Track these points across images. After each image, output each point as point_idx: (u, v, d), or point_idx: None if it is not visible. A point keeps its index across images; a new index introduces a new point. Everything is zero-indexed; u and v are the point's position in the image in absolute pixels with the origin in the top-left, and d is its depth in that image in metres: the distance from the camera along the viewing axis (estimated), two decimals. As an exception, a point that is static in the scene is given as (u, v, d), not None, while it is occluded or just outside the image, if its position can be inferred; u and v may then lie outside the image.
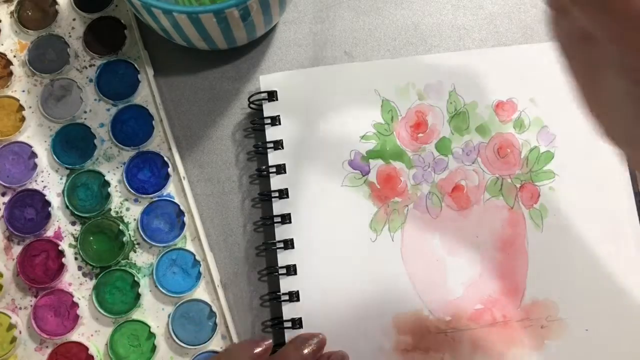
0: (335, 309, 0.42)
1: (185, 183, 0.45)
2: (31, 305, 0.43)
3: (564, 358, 0.41)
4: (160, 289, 0.43)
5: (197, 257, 0.44)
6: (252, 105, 0.46)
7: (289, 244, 0.43)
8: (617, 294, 0.42)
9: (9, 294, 0.44)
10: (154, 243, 0.44)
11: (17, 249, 0.44)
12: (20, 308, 0.44)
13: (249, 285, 0.44)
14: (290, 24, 0.49)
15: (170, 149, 0.45)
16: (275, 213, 0.43)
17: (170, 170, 0.45)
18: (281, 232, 0.43)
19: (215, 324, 0.43)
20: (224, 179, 0.46)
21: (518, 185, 0.44)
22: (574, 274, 0.42)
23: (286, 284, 0.42)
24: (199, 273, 0.43)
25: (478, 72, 0.45)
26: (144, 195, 0.44)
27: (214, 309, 0.43)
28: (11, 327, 0.43)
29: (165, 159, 0.45)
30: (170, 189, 0.45)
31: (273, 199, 0.43)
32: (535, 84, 0.45)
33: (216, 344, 0.43)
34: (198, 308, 0.43)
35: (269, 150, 0.44)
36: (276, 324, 0.43)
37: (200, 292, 0.43)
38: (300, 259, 0.43)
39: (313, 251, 0.43)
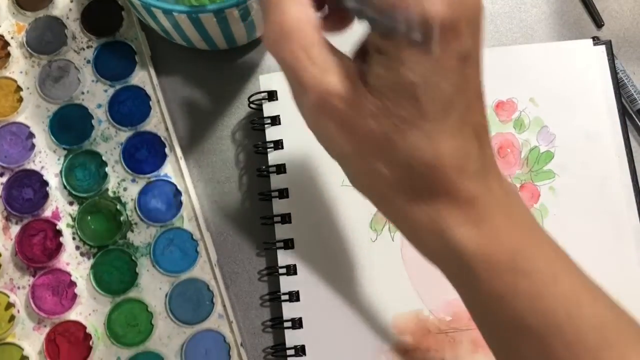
0: (335, 309, 0.42)
1: (182, 163, 0.45)
2: (29, 285, 0.43)
3: None
4: (158, 268, 0.43)
5: (194, 237, 0.44)
6: (252, 105, 0.46)
7: (289, 244, 0.43)
8: (618, 294, 0.41)
9: (7, 274, 0.44)
10: (151, 222, 0.44)
11: (15, 229, 0.44)
12: (19, 287, 0.44)
13: (249, 285, 0.44)
14: (290, 24, 0.49)
15: (167, 129, 0.45)
16: (275, 213, 0.43)
17: (167, 150, 0.45)
18: (281, 232, 0.43)
19: (212, 303, 0.43)
20: (224, 179, 0.46)
21: (518, 185, 0.44)
22: None
23: (286, 284, 0.42)
24: (196, 252, 0.43)
25: None
26: (142, 175, 0.45)
27: (211, 287, 0.43)
28: (9, 306, 0.43)
29: (163, 139, 0.45)
30: (168, 169, 0.45)
31: (273, 199, 0.43)
32: (535, 83, 0.45)
33: (213, 322, 0.43)
34: (195, 287, 0.43)
35: (269, 150, 0.44)
36: (276, 324, 0.43)
37: (198, 271, 0.44)
38: (300, 259, 0.43)
39: (313, 251, 0.43)
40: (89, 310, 0.43)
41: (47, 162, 0.45)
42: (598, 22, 0.48)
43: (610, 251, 0.42)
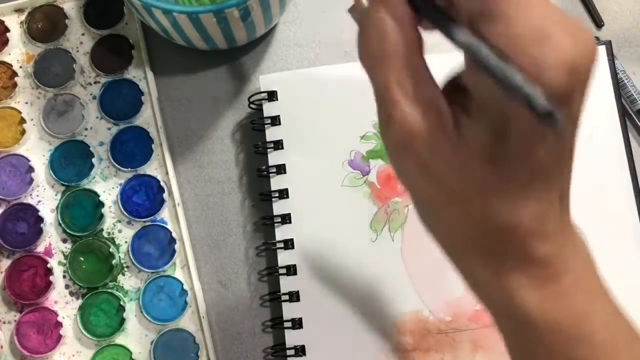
0: (335, 309, 0.42)
1: (180, 209, 0.44)
2: (15, 321, 0.43)
3: None
4: (145, 315, 0.43)
5: (185, 286, 0.43)
6: (252, 105, 0.46)
7: (289, 244, 0.43)
8: (617, 293, 0.41)
9: (-6, 307, 0.43)
10: (142, 268, 0.43)
11: (5, 263, 0.44)
12: (4, 322, 0.43)
13: (249, 285, 0.44)
14: (290, 24, 0.48)
15: (167, 173, 0.45)
16: (275, 213, 0.43)
17: (165, 195, 0.44)
18: (281, 232, 0.43)
19: (197, 356, 0.42)
20: (224, 179, 0.46)
21: None
22: None
23: (286, 284, 0.42)
24: (185, 302, 0.43)
25: None
26: (138, 219, 0.44)
27: (198, 340, 0.43)
28: (-7, 341, 0.43)
29: (162, 183, 0.45)
30: (164, 214, 0.45)
31: (273, 199, 0.43)
32: None
33: (197, 375, 0.42)
34: (182, 337, 0.43)
35: (269, 150, 0.44)
36: (276, 324, 0.42)
37: (185, 322, 0.43)
38: (300, 259, 0.43)
39: (313, 251, 0.43)
40: (72, 351, 0.43)
41: (44, 196, 0.45)
42: (598, 23, 0.48)
43: (610, 251, 0.42)
